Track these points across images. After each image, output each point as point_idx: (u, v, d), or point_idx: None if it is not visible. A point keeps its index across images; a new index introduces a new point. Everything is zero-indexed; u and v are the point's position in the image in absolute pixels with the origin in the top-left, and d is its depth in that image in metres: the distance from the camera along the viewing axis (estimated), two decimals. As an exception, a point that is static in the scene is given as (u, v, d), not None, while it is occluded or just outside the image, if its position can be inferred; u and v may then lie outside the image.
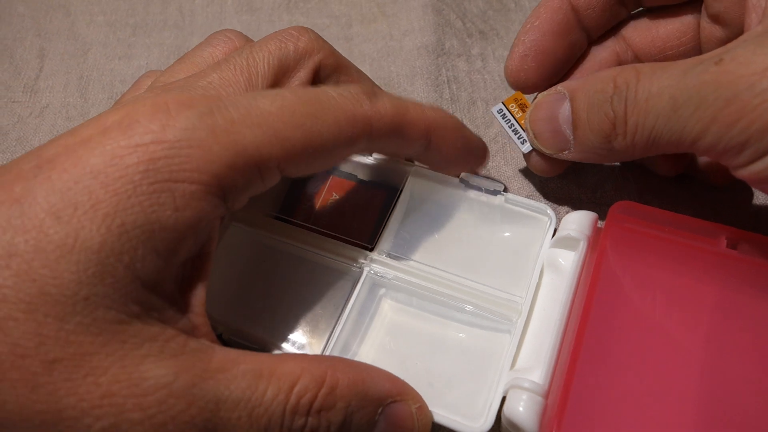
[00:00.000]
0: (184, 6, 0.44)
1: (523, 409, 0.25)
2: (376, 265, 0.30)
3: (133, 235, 0.21)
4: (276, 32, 0.28)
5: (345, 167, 0.33)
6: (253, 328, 0.29)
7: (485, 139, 0.37)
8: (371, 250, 0.30)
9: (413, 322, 0.30)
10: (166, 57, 0.42)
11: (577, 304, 0.27)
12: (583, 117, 0.27)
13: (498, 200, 0.31)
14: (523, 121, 0.31)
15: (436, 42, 0.41)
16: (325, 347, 0.28)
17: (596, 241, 0.28)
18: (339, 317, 0.28)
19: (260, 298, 0.31)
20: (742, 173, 0.23)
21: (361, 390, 0.24)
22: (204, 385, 0.22)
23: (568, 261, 0.28)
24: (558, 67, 0.31)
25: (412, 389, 0.26)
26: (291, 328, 0.30)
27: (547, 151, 0.30)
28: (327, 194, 0.33)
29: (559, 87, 0.28)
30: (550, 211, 0.30)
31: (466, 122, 0.38)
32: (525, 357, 0.27)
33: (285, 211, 0.32)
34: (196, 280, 0.24)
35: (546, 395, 0.25)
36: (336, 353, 0.28)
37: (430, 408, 0.26)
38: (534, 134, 0.29)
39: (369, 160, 0.32)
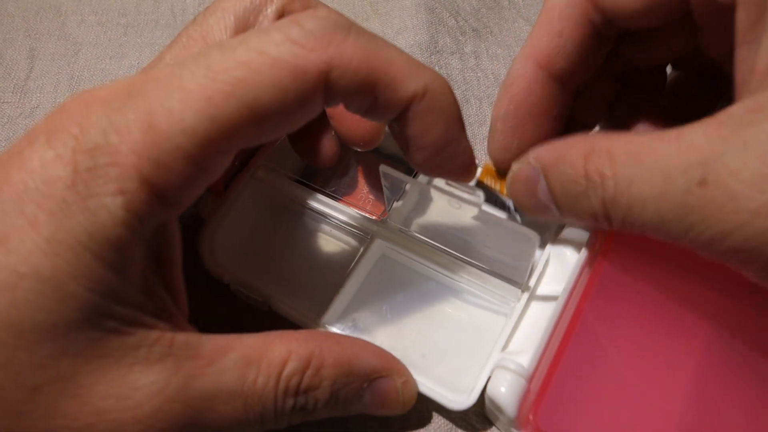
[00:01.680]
0: (176, 5, 0.44)
1: (505, 389, 0.25)
2: (385, 237, 0.30)
3: (81, 255, 0.20)
4: None
5: None
6: (259, 282, 0.30)
7: (479, 138, 0.37)
8: (383, 221, 0.31)
9: (415, 295, 0.31)
10: (158, 57, 0.42)
11: (575, 297, 0.27)
12: (562, 201, 0.24)
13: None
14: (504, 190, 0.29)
15: (429, 40, 0.40)
16: (324, 308, 0.28)
17: (602, 238, 0.28)
18: (343, 282, 0.29)
19: (270, 254, 0.32)
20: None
21: (346, 368, 0.24)
22: (196, 383, 0.21)
23: (574, 254, 0.28)
24: (548, 135, 0.27)
25: (399, 364, 0.26)
26: (295, 288, 0.31)
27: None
28: (348, 164, 0.33)
29: (531, 159, 0.25)
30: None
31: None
32: (518, 341, 0.27)
33: (305, 176, 0.33)
34: (165, 282, 0.23)
35: (530, 379, 0.25)
36: (336, 316, 0.28)
37: (420, 379, 0.27)
38: (518, 205, 0.27)
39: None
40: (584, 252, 0.28)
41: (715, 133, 0.20)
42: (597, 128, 0.31)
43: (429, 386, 0.27)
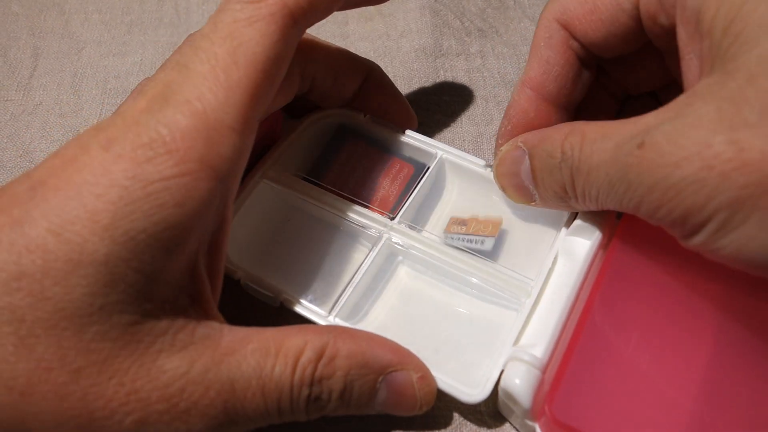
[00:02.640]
0: (180, 4, 0.44)
1: (519, 381, 0.25)
2: (395, 233, 0.31)
3: (139, 240, 0.21)
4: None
5: (379, 138, 0.34)
6: (270, 278, 0.30)
7: (486, 136, 0.37)
8: (392, 219, 0.31)
9: (426, 291, 0.31)
10: (161, 54, 0.42)
11: (585, 291, 0.27)
12: (540, 177, 0.27)
13: None
14: (471, 231, 0.31)
15: (434, 44, 0.40)
16: (335, 304, 0.28)
17: (612, 232, 0.29)
18: (353, 279, 0.29)
19: (281, 251, 0.32)
20: (685, 245, 0.23)
21: (360, 360, 0.25)
22: (217, 369, 0.23)
23: (583, 249, 0.28)
24: None
25: (416, 359, 0.27)
26: (306, 283, 0.31)
27: (515, 203, 0.30)
28: (357, 162, 0.33)
29: (519, 142, 0.28)
30: None
31: (464, 120, 0.38)
32: (529, 335, 0.27)
33: (314, 174, 0.33)
34: (207, 266, 0.24)
35: (544, 370, 0.26)
36: (346, 312, 0.29)
37: (433, 372, 0.27)
38: (501, 186, 0.30)
39: (402, 137, 0.33)
40: (593, 245, 0.28)
41: (661, 113, 0.23)
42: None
43: (442, 379, 0.27)
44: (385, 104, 0.33)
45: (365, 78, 0.32)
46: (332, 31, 0.42)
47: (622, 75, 0.31)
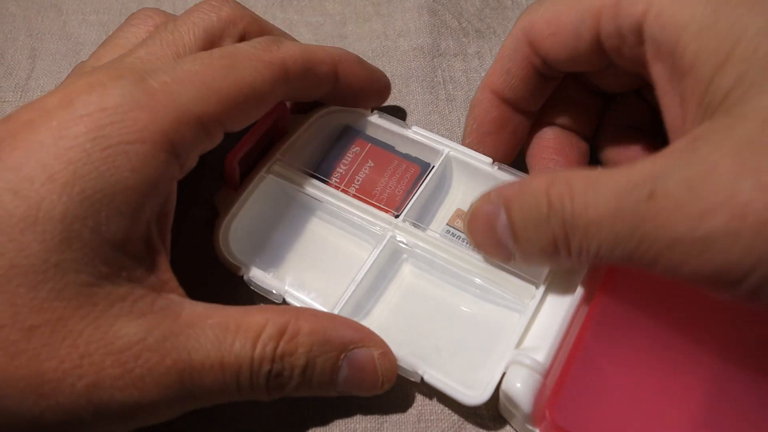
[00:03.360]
0: (178, 5, 0.44)
1: (520, 385, 0.25)
2: (399, 231, 0.31)
3: (95, 200, 0.22)
4: (198, 4, 0.30)
5: (385, 137, 0.34)
6: (273, 275, 0.30)
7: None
8: (397, 217, 0.31)
9: (429, 290, 0.31)
10: (160, 56, 0.41)
11: (590, 294, 0.27)
12: (522, 232, 0.25)
13: None
14: None
15: (432, 44, 0.40)
16: (338, 301, 0.28)
17: None
18: (357, 276, 0.29)
19: (284, 246, 0.32)
20: (717, 296, 0.22)
21: (322, 337, 0.25)
22: (175, 339, 0.23)
23: None
24: (511, 148, 0.33)
25: (377, 336, 0.27)
26: (309, 280, 0.31)
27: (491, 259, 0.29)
28: (363, 161, 0.33)
29: (493, 195, 0.27)
30: None
31: (461, 120, 0.38)
32: (532, 338, 0.27)
33: (320, 171, 0.33)
34: (160, 238, 0.25)
35: (545, 375, 0.25)
36: (349, 309, 0.29)
37: (433, 373, 0.27)
38: (474, 244, 0.28)
39: (408, 133, 0.33)
40: None
41: (660, 160, 0.22)
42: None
43: (443, 380, 0.27)
44: (360, 84, 0.33)
45: (336, 66, 0.32)
46: (330, 32, 0.42)
47: (596, 79, 0.31)
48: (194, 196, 0.34)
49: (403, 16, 0.42)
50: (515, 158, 0.33)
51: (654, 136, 0.32)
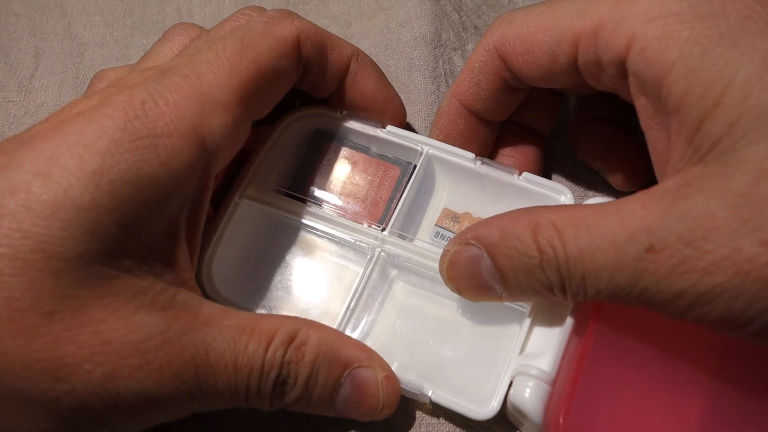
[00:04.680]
0: (182, 6, 0.44)
1: (528, 395, 0.25)
2: (388, 245, 0.30)
3: (122, 192, 0.22)
4: (231, 15, 0.30)
5: (358, 140, 0.33)
6: (261, 307, 0.30)
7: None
8: (383, 230, 0.30)
9: (425, 305, 0.30)
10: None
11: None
12: (511, 276, 0.25)
13: (513, 178, 0.30)
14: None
15: (434, 33, 0.40)
16: (335, 327, 0.28)
17: None
18: (350, 299, 0.28)
19: (269, 276, 0.31)
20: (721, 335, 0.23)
21: (328, 349, 0.25)
22: (194, 334, 0.23)
23: None
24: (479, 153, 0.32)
25: (382, 359, 0.27)
26: (300, 309, 0.30)
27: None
28: (339, 168, 0.32)
29: (471, 239, 0.25)
30: (568, 192, 0.29)
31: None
32: (534, 343, 0.27)
33: (296, 187, 0.32)
34: (189, 235, 0.25)
35: (553, 383, 0.25)
36: (347, 333, 0.28)
37: (440, 392, 0.27)
38: (457, 291, 0.27)
39: (382, 133, 0.32)
40: None
41: (653, 206, 0.22)
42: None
43: (450, 399, 0.26)
44: (374, 91, 0.31)
45: (350, 59, 0.31)
46: (335, 32, 0.41)
47: (567, 89, 0.32)
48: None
49: (405, 5, 0.42)
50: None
51: (624, 125, 0.32)
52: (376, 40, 0.41)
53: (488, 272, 0.25)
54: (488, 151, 0.33)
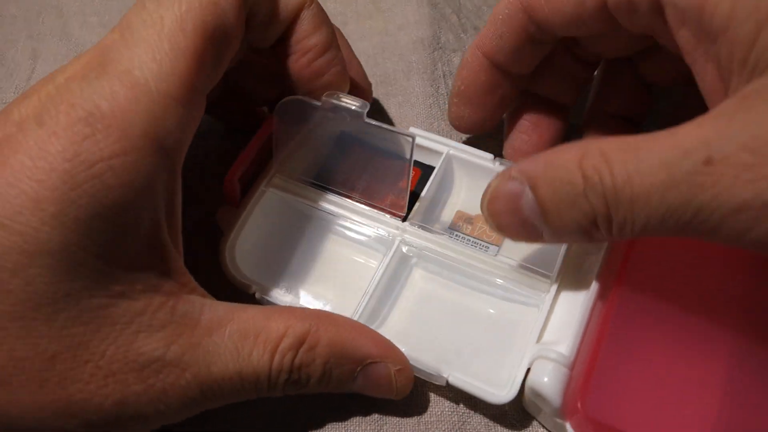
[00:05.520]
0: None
1: (548, 379, 0.25)
2: (408, 235, 0.30)
3: (91, 225, 0.21)
4: None
5: (381, 144, 0.33)
6: (285, 290, 0.30)
7: (483, 135, 0.37)
8: (404, 220, 0.31)
9: (443, 293, 0.30)
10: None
11: (607, 283, 0.27)
12: (553, 210, 0.23)
13: None
14: (475, 234, 0.31)
15: (432, 36, 0.40)
16: (353, 313, 0.28)
17: None
18: (369, 284, 0.29)
19: (293, 260, 0.31)
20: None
21: (339, 350, 0.25)
22: (194, 351, 0.23)
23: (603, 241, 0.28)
24: (496, 115, 0.32)
25: (396, 352, 0.27)
26: (321, 293, 0.31)
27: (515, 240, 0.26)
28: (362, 169, 0.33)
29: (514, 173, 0.24)
30: None
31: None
32: (552, 331, 0.27)
33: (321, 179, 0.32)
34: (170, 238, 0.24)
35: (571, 367, 0.25)
36: (364, 318, 0.28)
37: (458, 375, 0.27)
38: (497, 227, 0.25)
39: (407, 140, 0.32)
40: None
41: (710, 123, 0.20)
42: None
43: (469, 382, 0.26)
44: (319, 41, 0.29)
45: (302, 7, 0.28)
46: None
47: (594, 46, 0.30)
48: (191, 197, 0.34)
49: (402, 9, 0.42)
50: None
51: (636, 125, 0.32)
52: (373, 41, 0.41)
53: (530, 207, 0.23)
54: (506, 109, 0.32)
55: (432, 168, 0.32)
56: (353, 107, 0.29)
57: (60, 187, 0.20)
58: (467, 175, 0.33)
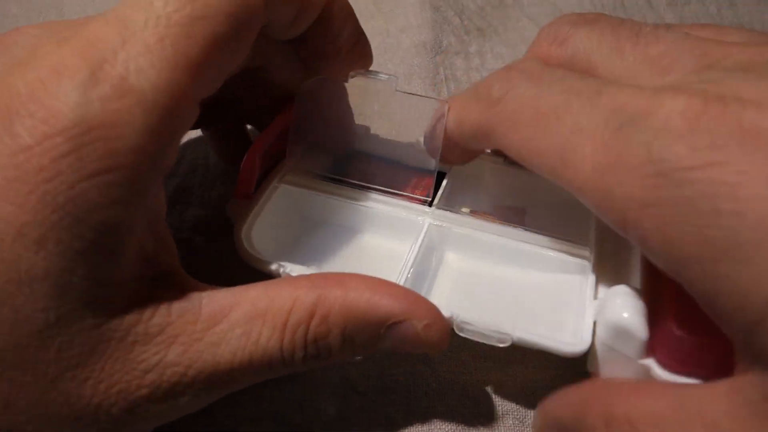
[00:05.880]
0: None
1: (628, 314, 0.23)
2: (436, 219, 0.29)
3: (75, 249, 0.20)
4: None
5: (389, 153, 0.32)
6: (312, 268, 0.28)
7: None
8: (430, 205, 0.30)
9: (481, 271, 0.29)
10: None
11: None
12: None
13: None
14: None
15: (434, 40, 0.40)
16: None
17: None
18: (402, 266, 0.27)
19: (315, 251, 0.30)
20: None
21: (356, 313, 0.23)
22: (195, 348, 0.22)
23: None
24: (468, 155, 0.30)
25: (423, 304, 0.24)
26: None
27: None
28: (380, 156, 0.32)
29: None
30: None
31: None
32: (605, 289, 0.26)
33: (337, 171, 0.31)
34: (159, 242, 0.23)
35: (646, 300, 0.24)
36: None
37: (524, 336, 0.25)
38: None
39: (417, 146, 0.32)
40: None
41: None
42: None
43: (540, 334, 0.25)
44: (351, 36, 0.28)
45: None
46: (332, 30, 0.42)
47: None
48: (191, 197, 0.34)
49: (404, 11, 0.41)
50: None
51: None
52: (375, 42, 0.40)
53: None
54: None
55: (442, 173, 0.31)
56: (384, 78, 0.29)
57: (41, 211, 0.19)
58: (474, 180, 0.32)
